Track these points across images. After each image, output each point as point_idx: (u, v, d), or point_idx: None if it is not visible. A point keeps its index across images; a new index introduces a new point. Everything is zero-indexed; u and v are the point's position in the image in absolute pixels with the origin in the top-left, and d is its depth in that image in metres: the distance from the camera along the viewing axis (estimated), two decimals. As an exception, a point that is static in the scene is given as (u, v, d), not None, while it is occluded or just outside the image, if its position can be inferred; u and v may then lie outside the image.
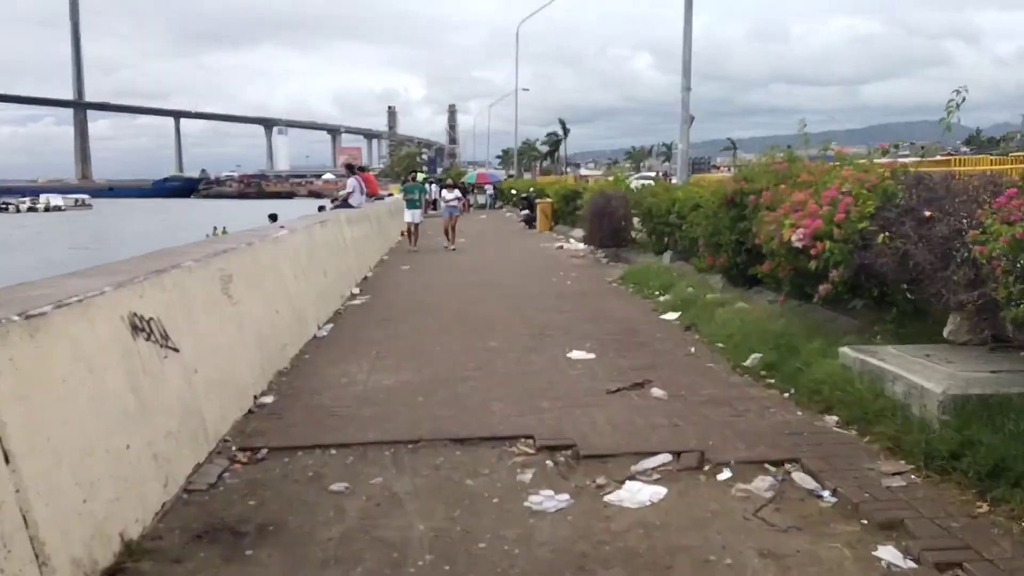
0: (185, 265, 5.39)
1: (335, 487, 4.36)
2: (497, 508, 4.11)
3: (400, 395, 6.29)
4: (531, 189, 29.07)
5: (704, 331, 8.11)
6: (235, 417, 5.51)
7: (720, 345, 7.51)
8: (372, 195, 20.97)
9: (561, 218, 24.20)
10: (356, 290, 12.29)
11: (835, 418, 5.32)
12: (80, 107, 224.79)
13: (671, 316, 9.29)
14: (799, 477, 4.40)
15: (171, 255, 6.01)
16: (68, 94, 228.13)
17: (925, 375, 4.85)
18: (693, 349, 7.62)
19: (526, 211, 26.86)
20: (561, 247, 19.01)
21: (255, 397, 6.08)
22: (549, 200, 24.79)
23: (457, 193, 20.82)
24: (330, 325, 9.41)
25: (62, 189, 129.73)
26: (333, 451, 4.96)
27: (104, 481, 3.51)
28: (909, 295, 6.14)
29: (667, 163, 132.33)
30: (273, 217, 20.47)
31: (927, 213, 5.72)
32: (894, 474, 4.32)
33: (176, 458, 4.28)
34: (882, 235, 5.89)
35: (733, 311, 8.40)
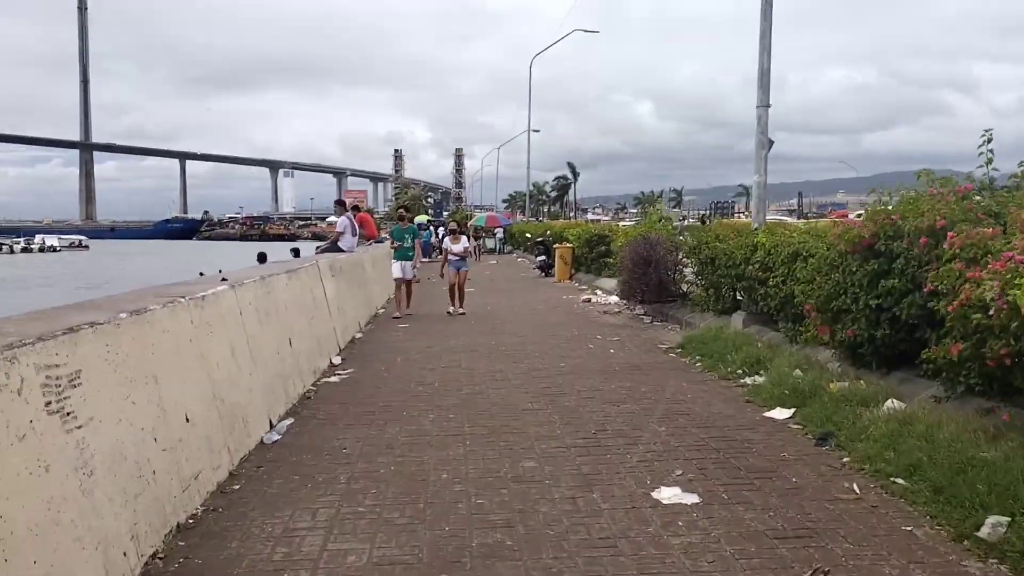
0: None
1: None
2: None
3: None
4: (547, 232, 26.33)
5: (857, 452, 5.22)
6: None
7: (899, 482, 4.63)
8: (370, 238, 18.25)
9: (583, 265, 21.42)
10: (337, 359, 9.45)
11: None
12: (86, 148, 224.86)
13: (780, 414, 6.42)
14: None
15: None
16: (76, 136, 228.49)
17: None
18: (856, 489, 4.72)
19: (542, 257, 24.11)
20: (589, 300, 16.17)
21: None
22: (569, 245, 22.03)
23: (465, 243, 14.82)
24: (289, 421, 6.56)
25: (66, 230, 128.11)
26: None
27: None
28: None
29: (676, 208, 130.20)
30: (262, 257, 17.86)
31: None
32: None
33: None
34: None
35: (890, 417, 5.52)
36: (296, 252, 19.03)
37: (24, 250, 79.79)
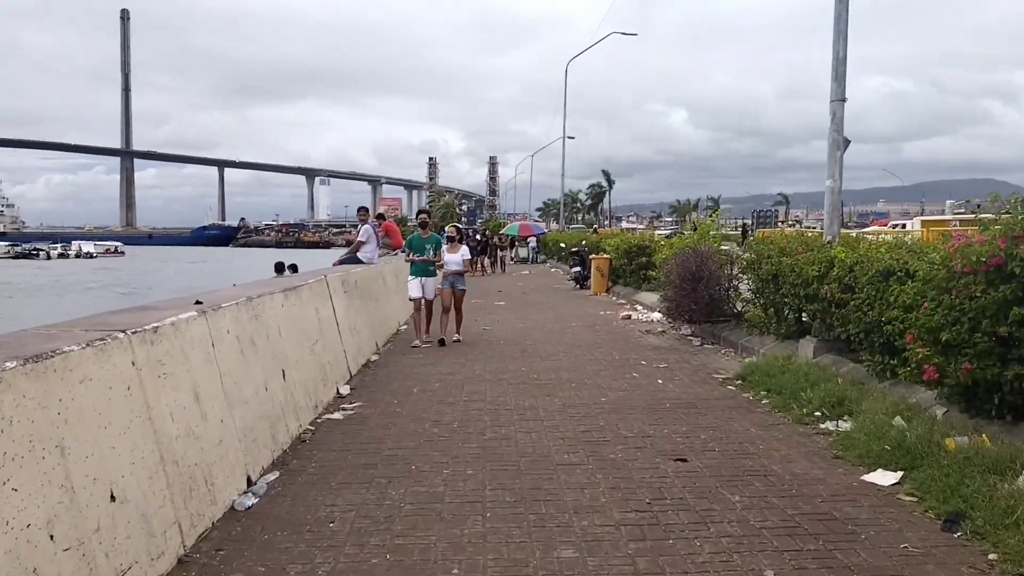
0: None
1: None
2: None
3: None
4: (583, 242, 25.02)
5: (1006, 547, 3.87)
6: None
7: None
8: (396, 248, 17.12)
9: (621, 277, 20.09)
10: (346, 388, 8.27)
11: None
12: (127, 155, 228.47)
13: (884, 479, 5.10)
14: None
15: None
16: (117, 144, 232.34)
17: None
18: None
19: (577, 268, 22.81)
20: (629, 317, 14.85)
21: None
22: (607, 256, 20.70)
23: (466, 252, 12.06)
24: (273, 476, 5.38)
25: (106, 236, 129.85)
26: None
27: None
28: None
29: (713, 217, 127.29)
30: (280, 267, 16.73)
31: None
32: None
33: None
34: None
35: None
36: (280, 267, 17.34)
37: (60, 256, 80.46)
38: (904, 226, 40.73)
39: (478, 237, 31.65)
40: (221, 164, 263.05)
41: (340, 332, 8.94)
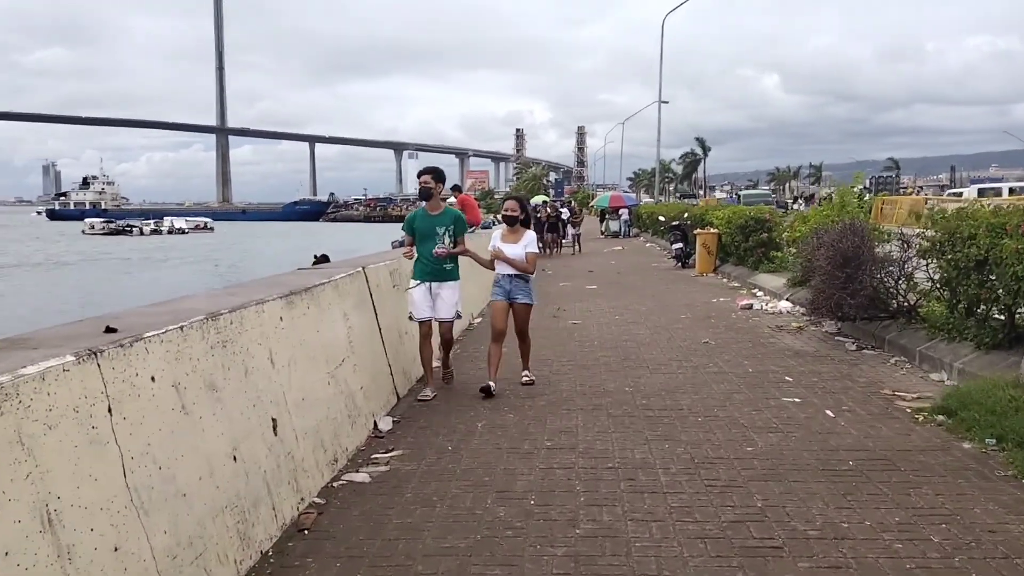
0: None
1: None
2: None
3: None
4: (685, 215, 22.27)
5: None
6: None
7: None
8: (472, 224, 14.90)
9: (731, 255, 17.37)
10: (387, 422, 6.08)
11: None
12: (222, 132, 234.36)
13: None
14: None
15: None
16: (212, 122, 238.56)
17: None
18: None
19: (679, 244, 20.14)
20: (749, 306, 12.23)
21: None
22: (715, 231, 17.98)
23: (529, 240, 7.24)
24: (226, 618, 3.21)
25: (203, 212, 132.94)
26: None
27: None
28: None
29: (816, 185, 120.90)
30: (324, 259, 14.66)
31: None
32: None
33: None
34: None
35: None
36: (322, 259, 15.00)
37: (153, 232, 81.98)
38: (960, 195, 36.85)
39: (564, 211, 28.04)
40: (312, 140, 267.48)
41: (384, 342, 6.77)
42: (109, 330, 3.38)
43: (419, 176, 6.92)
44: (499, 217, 7.95)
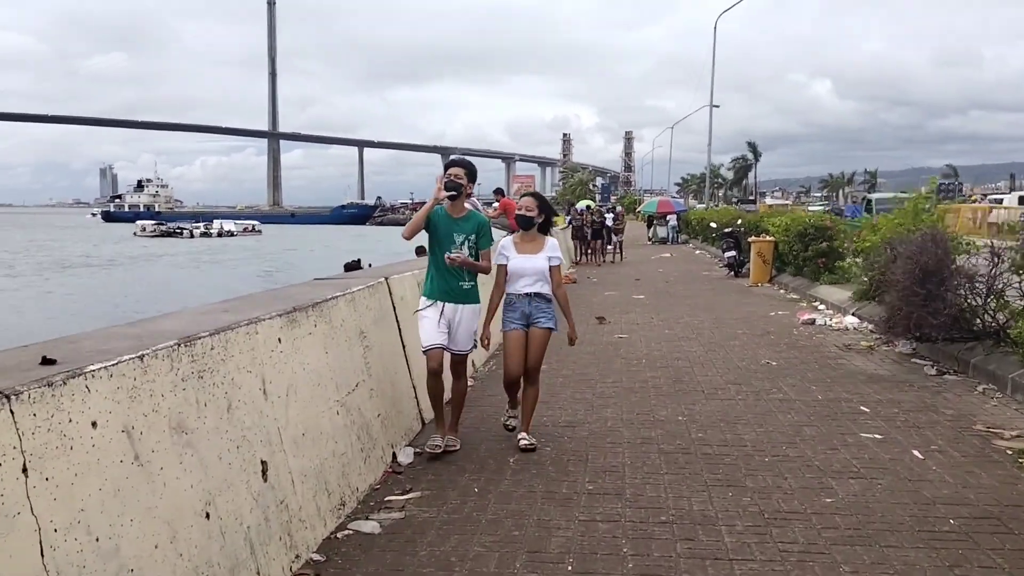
0: None
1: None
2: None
3: None
4: (739, 221, 21.25)
5: None
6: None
7: None
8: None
9: (788, 265, 16.38)
10: (407, 454, 5.39)
11: None
12: (273, 137, 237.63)
13: None
14: None
15: None
16: (264, 126, 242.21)
17: None
18: None
19: (731, 252, 19.18)
20: (812, 321, 11.30)
21: None
22: (770, 239, 17.00)
23: (551, 248, 5.62)
24: None
25: (254, 215, 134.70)
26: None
27: None
28: None
29: (872, 192, 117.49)
30: (352, 267, 13.94)
31: None
32: None
33: None
34: None
35: None
36: (353, 266, 14.03)
37: (203, 234, 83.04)
38: (1001, 201, 35.23)
39: (610, 216, 26.61)
40: (361, 144, 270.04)
41: (409, 362, 6.08)
42: (46, 361, 2.74)
43: (447, 167, 5.45)
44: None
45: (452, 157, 5.52)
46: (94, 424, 2.61)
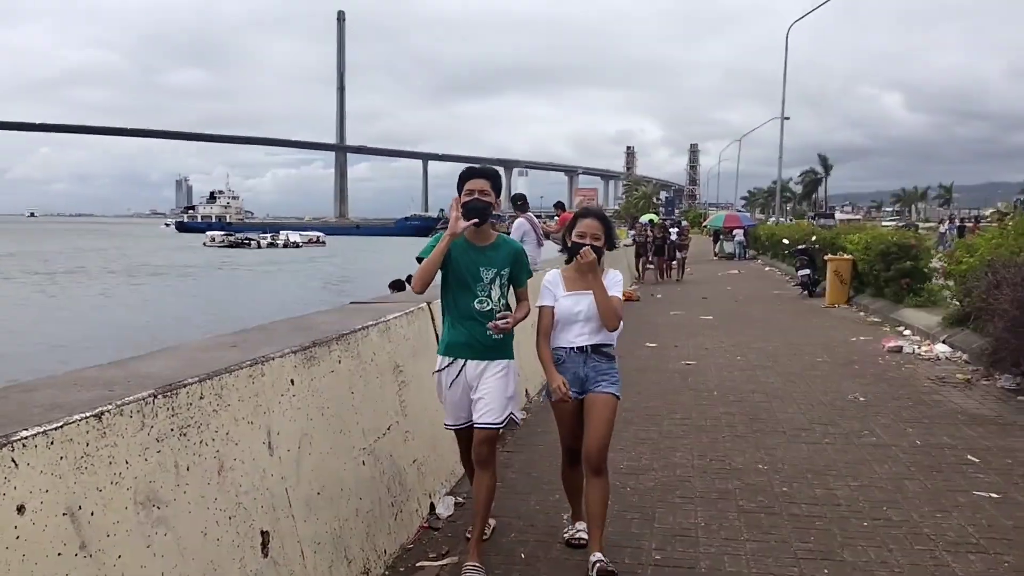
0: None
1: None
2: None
3: None
4: (813, 238, 20.15)
5: None
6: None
7: None
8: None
9: (867, 285, 15.31)
10: (446, 504, 4.75)
11: None
12: (340, 150, 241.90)
13: None
14: None
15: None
16: (332, 140, 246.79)
17: None
18: None
19: (805, 271, 18.12)
20: (899, 348, 10.32)
21: None
22: (848, 257, 15.94)
23: (615, 280, 3.98)
24: None
25: (321, 227, 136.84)
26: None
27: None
28: None
29: (945, 207, 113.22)
30: (397, 285, 13.16)
31: None
32: None
33: None
34: None
35: None
36: (398, 285, 13.07)
37: (270, 245, 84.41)
38: None
39: (674, 230, 25.20)
40: (425, 157, 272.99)
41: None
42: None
43: (464, 179, 3.94)
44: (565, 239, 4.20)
45: (467, 167, 4.01)
46: (20, 509, 2.04)
